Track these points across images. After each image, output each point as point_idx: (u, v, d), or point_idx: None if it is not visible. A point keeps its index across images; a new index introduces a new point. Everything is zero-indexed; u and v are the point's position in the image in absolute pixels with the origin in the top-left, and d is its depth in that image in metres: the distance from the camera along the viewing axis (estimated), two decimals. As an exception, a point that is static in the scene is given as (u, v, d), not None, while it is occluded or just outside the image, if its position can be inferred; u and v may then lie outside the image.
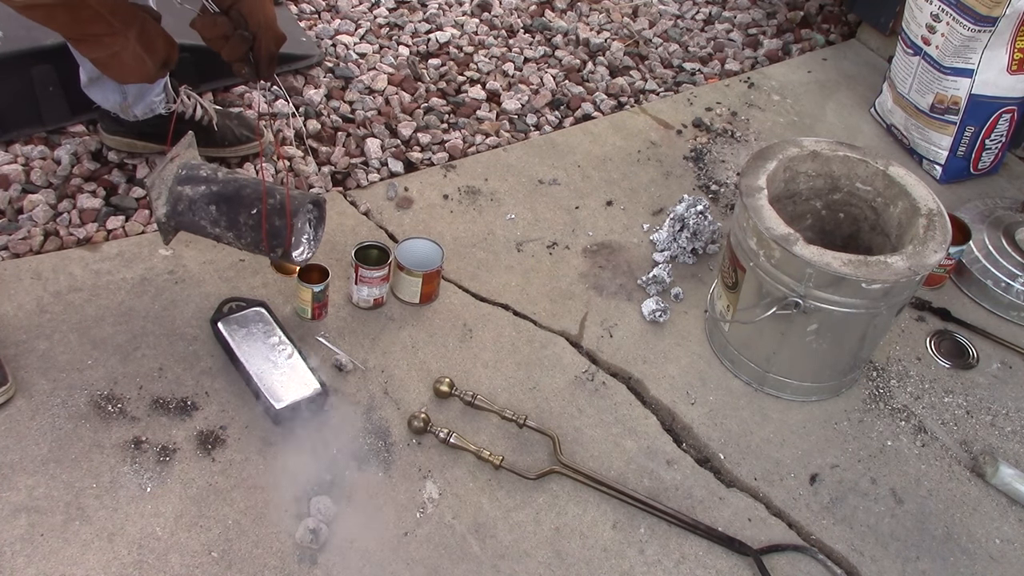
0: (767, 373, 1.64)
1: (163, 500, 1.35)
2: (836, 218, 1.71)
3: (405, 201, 1.93)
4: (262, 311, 1.58)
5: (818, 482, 1.54)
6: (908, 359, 1.78)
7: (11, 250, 1.68)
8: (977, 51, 2.00)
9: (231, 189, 1.45)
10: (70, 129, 1.93)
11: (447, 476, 1.44)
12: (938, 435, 1.64)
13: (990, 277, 1.90)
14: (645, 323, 1.75)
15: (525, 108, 2.27)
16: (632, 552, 1.40)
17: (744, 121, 2.31)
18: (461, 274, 1.79)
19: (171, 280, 1.66)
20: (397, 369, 1.59)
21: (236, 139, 1.92)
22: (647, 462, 1.52)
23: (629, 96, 2.38)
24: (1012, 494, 1.56)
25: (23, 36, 1.84)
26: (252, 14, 1.33)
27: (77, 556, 1.27)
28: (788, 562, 1.42)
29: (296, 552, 1.32)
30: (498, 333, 1.69)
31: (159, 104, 1.80)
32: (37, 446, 1.38)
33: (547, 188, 2.02)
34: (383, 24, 2.47)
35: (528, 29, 2.56)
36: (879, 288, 1.43)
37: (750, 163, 1.60)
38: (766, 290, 1.52)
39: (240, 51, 1.35)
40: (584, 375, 1.64)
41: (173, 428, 1.44)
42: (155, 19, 1.35)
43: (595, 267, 1.86)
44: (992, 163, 2.22)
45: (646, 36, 2.61)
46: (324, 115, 2.12)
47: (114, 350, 1.53)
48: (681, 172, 2.13)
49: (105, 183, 1.85)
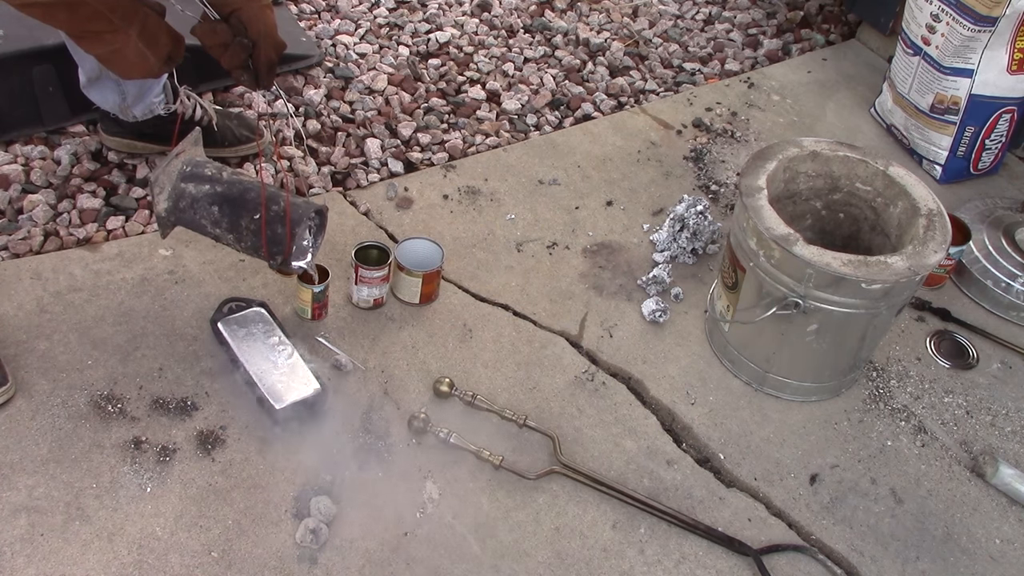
0: (767, 373, 1.64)
1: (163, 500, 1.35)
2: (836, 218, 1.71)
3: (405, 201, 1.93)
4: (262, 311, 1.58)
5: (818, 482, 1.54)
6: (908, 359, 1.78)
7: (11, 250, 1.68)
8: (977, 51, 2.00)
9: (235, 191, 1.44)
10: (70, 129, 1.93)
11: (447, 476, 1.44)
12: (938, 435, 1.64)
13: (990, 277, 1.90)
14: (645, 323, 1.75)
15: (525, 108, 2.27)
16: (632, 552, 1.40)
17: (744, 121, 2.31)
18: (461, 274, 1.79)
19: (171, 280, 1.66)
20: (397, 369, 1.59)
21: (236, 139, 1.92)
22: (647, 462, 1.52)
23: (629, 96, 2.38)
24: (1012, 494, 1.56)
25: (23, 36, 1.84)
26: (252, 22, 1.33)
27: (77, 556, 1.27)
28: (788, 562, 1.42)
29: (296, 552, 1.32)
30: (498, 333, 1.69)
31: (158, 105, 1.80)
32: (37, 446, 1.38)
33: (547, 188, 2.02)
34: (383, 24, 2.47)
35: (528, 29, 2.56)
36: (879, 288, 1.43)
37: (750, 163, 1.60)
38: (766, 290, 1.52)
39: (240, 59, 1.35)
40: (584, 375, 1.64)
41: (173, 428, 1.44)
42: (159, 14, 1.34)
43: (595, 267, 1.86)
44: (992, 163, 2.22)
45: (646, 36, 2.61)
46: (324, 115, 2.12)
47: (114, 350, 1.53)
48: (681, 172, 2.13)
49: (105, 183, 1.86)
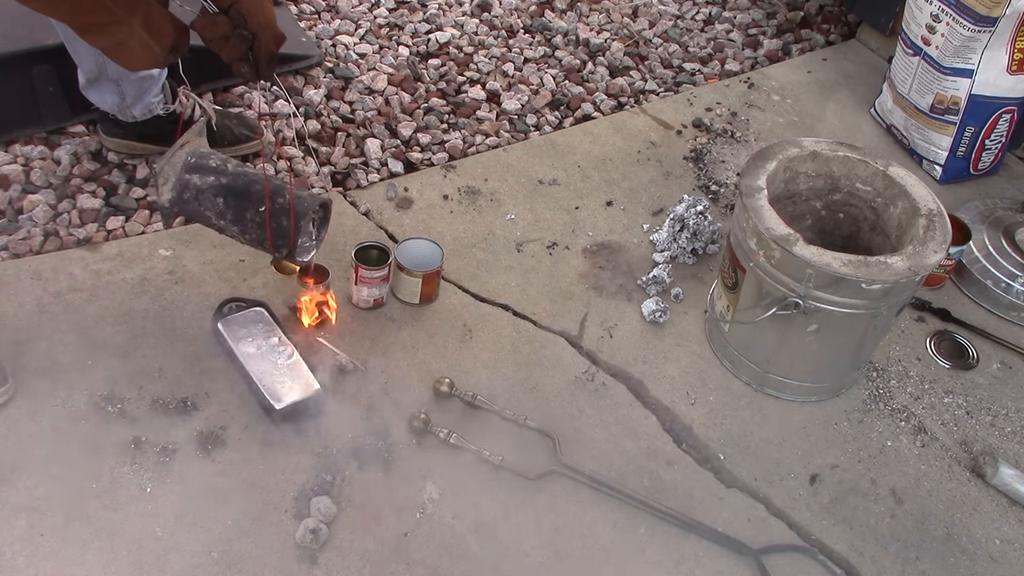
0: (767, 373, 1.64)
1: (163, 500, 1.35)
2: (836, 218, 1.71)
3: (405, 201, 1.92)
4: (262, 311, 1.58)
5: (818, 482, 1.54)
6: (908, 359, 1.78)
7: (11, 250, 1.68)
8: (977, 51, 2.00)
9: (240, 183, 1.44)
10: (70, 129, 1.93)
11: (447, 476, 1.44)
12: (938, 435, 1.64)
13: (990, 277, 1.90)
14: (645, 323, 1.75)
15: (525, 108, 2.27)
16: (632, 552, 1.40)
17: (744, 121, 2.31)
18: (461, 274, 1.79)
19: (171, 280, 1.66)
20: (397, 369, 1.59)
21: (236, 138, 1.92)
22: (647, 462, 1.52)
23: (629, 96, 2.38)
24: (1012, 494, 1.56)
25: (23, 36, 1.84)
26: (252, 14, 1.33)
27: (77, 556, 1.27)
28: (788, 562, 1.42)
29: (296, 552, 1.32)
30: (498, 333, 1.69)
31: (157, 105, 1.80)
32: (37, 446, 1.38)
33: (547, 188, 2.02)
34: (383, 24, 2.47)
35: (528, 29, 2.56)
36: (879, 288, 1.43)
37: (750, 163, 1.60)
38: (766, 290, 1.52)
39: (240, 51, 1.35)
40: (584, 375, 1.64)
41: (173, 428, 1.44)
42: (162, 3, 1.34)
43: (595, 267, 1.86)
44: (992, 163, 2.22)
45: (646, 36, 2.61)
46: (324, 115, 2.12)
47: (114, 350, 1.53)
48: (681, 172, 2.13)
49: (105, 183, 1.85)
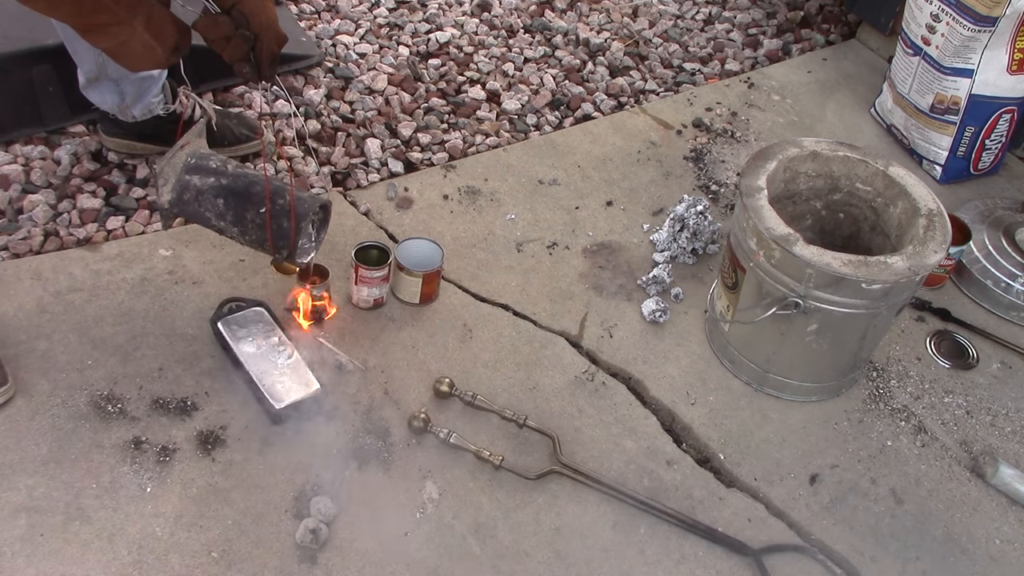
0: (767, 373, 1.64)
1: (163, 500, 1.35)
2: (836, 218, 1.71)
3: (405, 201, 1.92)
4: (262, 311, 1.58)
5: (818, 482, 1.54)
6: (908, 359, 1.78)
7: (11, 250, 1.68)
8: (977, 51, 2.00)
9: (241, 184, 1.44)
10: (70, 129, 1.93)
11: (447, 476, 1.44)
12: (938, 435, 1.64)
13: (990, 277, 1.90)
14: (645, 323, 1.75)
15: (525, 108, 2.27)
16: (632, 552, 1.40)
17: (744, 121, 2.31)
18: (461, 274, 1.79)
19: (171, 280, 1.66)
20: (397, 369, 1.59)
21: (236, 139, 1.92)
22: (647, 462, 1.52)
23: (629, 96, 2.38)
24: (1012, 494, 1.56)
25: (23, 36, 1.84)
26: (254, 14, 1.34)
27: (77, 556, 1.27)
28: (788, 562, 1.42)
29: (296, 552, 1.32)
30: (498, 333, 1.69)
31: (157, 105, 1.80)
32: (37, 446, 1.38)
33: (547, 188, 2.02)
34: (383, 24, 2.47)
35: (528, 29, 2.56)
36: (879, 288, 1.43)
37: (750, 163, 1.60)
38: (766, 290, 1.52)
39: (242, 52, 1.35)
40: (584, 375, 1.64)
41: (173, 428, 1.44)
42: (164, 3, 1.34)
43: (595, 267, 1.86)
44: (992, 163, 2.22)
45: (646, 36, 2.61)
46: (324, 115, 2.12)
47: (114, 350, 1.53)
48: (681, 172, 2.13)
49: (105, 183, 1.85)
